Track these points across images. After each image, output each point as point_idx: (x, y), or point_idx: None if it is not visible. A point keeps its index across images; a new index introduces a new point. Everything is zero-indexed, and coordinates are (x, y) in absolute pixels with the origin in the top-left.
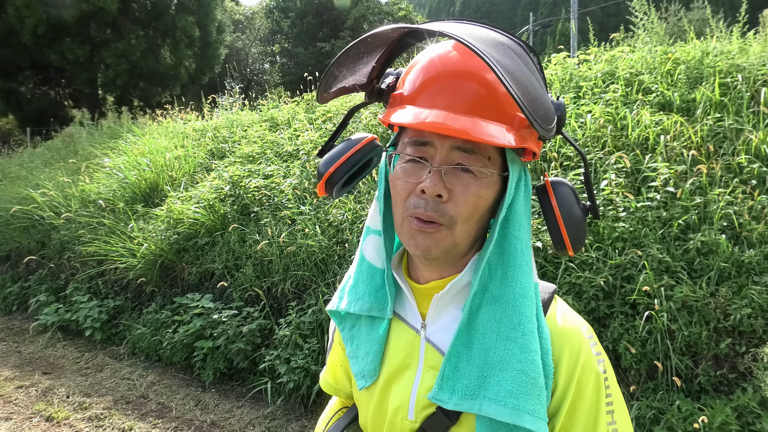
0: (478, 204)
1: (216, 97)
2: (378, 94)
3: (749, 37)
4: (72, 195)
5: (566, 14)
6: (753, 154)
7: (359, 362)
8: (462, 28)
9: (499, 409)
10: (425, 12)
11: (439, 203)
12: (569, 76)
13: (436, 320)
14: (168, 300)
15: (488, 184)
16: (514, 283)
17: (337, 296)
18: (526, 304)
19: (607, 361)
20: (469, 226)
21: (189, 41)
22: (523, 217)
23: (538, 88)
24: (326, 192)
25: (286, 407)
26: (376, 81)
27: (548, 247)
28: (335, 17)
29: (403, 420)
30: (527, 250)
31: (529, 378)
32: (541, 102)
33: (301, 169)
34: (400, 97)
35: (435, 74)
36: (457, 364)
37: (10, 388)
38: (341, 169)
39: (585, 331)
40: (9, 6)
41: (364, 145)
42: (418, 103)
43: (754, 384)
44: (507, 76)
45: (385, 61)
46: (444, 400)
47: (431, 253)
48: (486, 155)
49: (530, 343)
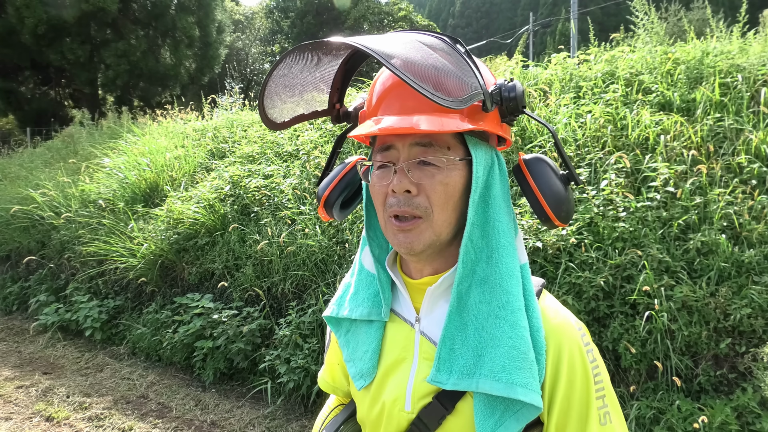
0: (447, 191)
1: (216, 97)
2: (345, 116)
3: (749, 37)
4: (72, 195)
5: (566, 14)
6: (753, 154)
7: (357, 363)
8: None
9: (494, 384)
10: (425, 12)
11: (410, 198)
12: (569, 76)
13: (430, 313)
14: (168, 300)
15: (453, 171)
16: (500, 263)
17: (336, 304)
18: (513, 283)
19: (596, 351)
20: (446, 214)
21: (189, 41)
22: (502, 200)
23: (445, 66)
24: (327, 214)
25: (286, 407)
26: (340, 105)
27: (548, 248)
28: (335, 17)
29: (400, 411)
30: (509, 231)
31: (520, 353)
32: (446, 77)
33: (301, 169)
34: (365, 114)
35: (388, 86)
36: (452, 345)
37: (10, 388)
38: (335, 190)
39: (575, 323)
40: (9, 6)
41: (353, 166)
42: (379, 114)
43: (754, 384)
44: (401, 64)
45: (341, 86)
46: (442, 381)
47: (414, 248)
48: (444, 146)
49: (519, 319)
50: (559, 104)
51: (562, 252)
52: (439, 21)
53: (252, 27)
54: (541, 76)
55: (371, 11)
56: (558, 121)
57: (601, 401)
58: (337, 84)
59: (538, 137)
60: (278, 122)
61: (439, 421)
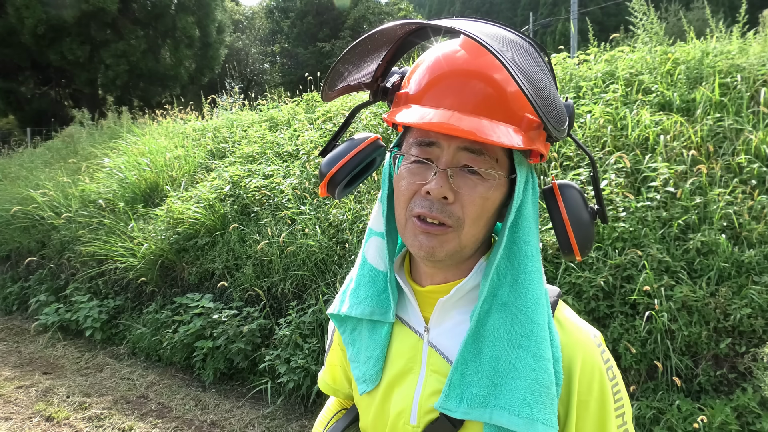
0: (485, 206)
1: (216, 97)
2: (383, 93)
3: (749, 37)
4: (72, 195)
5: (566, 14)
6: (753, 154)
7: (360, 366)
8: (474, 25)
9: (513, 418)
10: (425, 12)
11: (444, 205)
12: (569, 76)
13: (440, 324)
14: (168, 300)
15: (495, 186)
16: (526, 289)
17: (338, 299)
18: (539, 311)
19: (616, 368)
20: (476, 229)
21: (189, 41)
22: (532, 221)
23: (551, 88)
24: (328, 193)
25: (286, 407)
26: (381, 80)
27: (548, 247)
28: (335, 17)
29: (405, 425)
30: (537, 255)
31: (543, 387)
32: (554, 102)
33: (301, 169)
34: (406, 97)
35: (441, 73)
36: (464, 371)
37: (10, 388)
38: (344, 169)
39: (594, 338)
40: (9, 6)
41: (367, 145)
42: (423, 102)
43: (754, 384)
44: (520, 75)
45: (390, 60)
46: (451, 409)
47: (435, 254)
48: (494, 157)
49: (543, 351)
50: None
51: None
52: None
53: (252, 27)
54: None
55: (371, 11)
56: None
57: (621, 419)
58: (388, 57)
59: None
60: (330, 93)
61: None
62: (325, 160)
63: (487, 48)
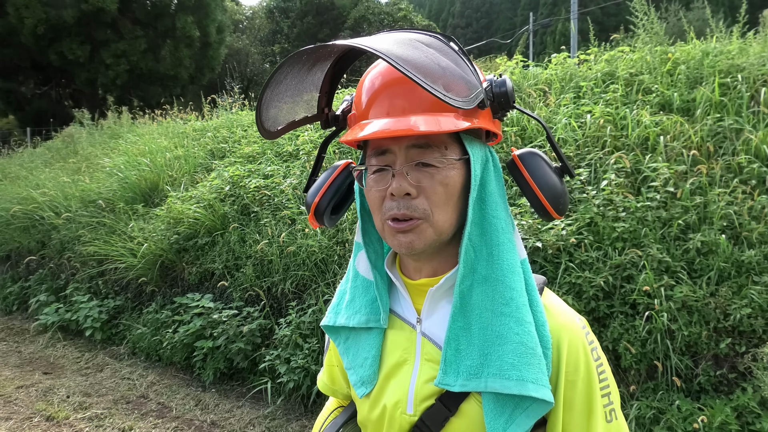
0: (447, 192)
1: (216, 97)
2: (334, 120)
3: (749, 37)
4: (72, 195)
5: (566, 14)
6: (753, 154)
7: (358, 370)
8: (374, 37)
9: (504, 382)
10: (425, 12)
11: (409, 201)
12: (569, 76)
13: (431, 314)
14: (168, 300)
15: (452, 171)
16: (501, 260)
17: (332, 312)
18: (515, 279)
19: (600, 350)
20: (447, 215)
21: (189, 41)
22: (498, 197)
23: (450, 67)
24: (317, 222)
25: (286, 407)
26: (328, 109)
27: (548, 247)
28: (335, 17)
29: (402, 414)
30: (507, 227)
31: (528, 348)
32: (452, 77)
33: (301, 169)
34: (355, 118)
35: (376, 88)
36: (458, 346)
37: (11, 388)
38: (325, 197)
39: (579, 321)
40: (9, 6)
41: (342, 170)
42: (369, 117)
43: (754, 384)
44: (402, 62)
45: (329, 90)
46: (450, 383)
47: (415, 247)
48: (441, 146)
49: (524, 315)
50: (559, 104)
51: (562, 252)
52: (439, 21)
53: (252, 27)
54: (541, 76)
55: (371, 11)
56: (558, 121)
57: (606, 399)
58: (326, 88)
59: (539, 137)
60: (272, 131)
61: (442, 423)
62: (309, 192)
63: (366, 50)
